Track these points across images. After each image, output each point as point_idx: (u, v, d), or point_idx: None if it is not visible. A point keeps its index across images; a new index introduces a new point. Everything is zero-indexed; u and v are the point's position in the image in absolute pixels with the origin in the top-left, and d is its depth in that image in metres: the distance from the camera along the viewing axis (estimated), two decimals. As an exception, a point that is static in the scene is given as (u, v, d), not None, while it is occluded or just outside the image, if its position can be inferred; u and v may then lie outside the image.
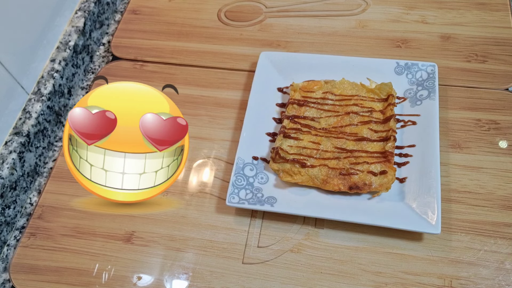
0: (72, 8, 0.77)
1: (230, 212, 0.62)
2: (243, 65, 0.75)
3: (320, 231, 0.59)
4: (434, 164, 0.58)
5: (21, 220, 0.64)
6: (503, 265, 0.55)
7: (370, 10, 0.80)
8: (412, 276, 0.55)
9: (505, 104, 0.67)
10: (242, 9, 0.83)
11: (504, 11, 0.77)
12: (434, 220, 0.55)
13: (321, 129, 0.64)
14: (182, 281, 0.57)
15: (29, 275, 0.59)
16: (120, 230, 0.61)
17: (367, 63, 0.69)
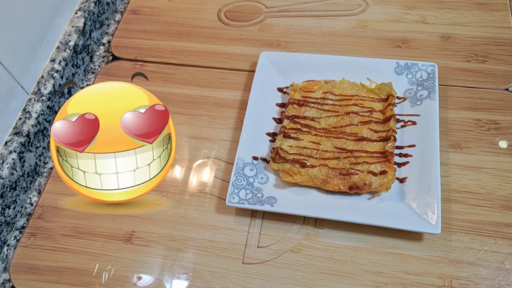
0: (72, 8, 0.77)
1: (230, 212, 0.62)
2: (243, 65, 0.75)
3: (320, 231, 0.59)
4: (434, 164, 0.58)
5: (21, 220, 0.64)
6: (503, 265, 0.55)
7: (370, 10, 0.80)
8: (412, 276, 0.55)
9: (505, 104, 0.67)
10: (242, 9, 0.83)
11: (504, 11, 0.77)
12: (434, 220, 0.55)
13: (321, 129, 0.64)
14: (182, 281, 0.57)
15: (29, 275, 0.59)
16: (120, 230, 0.61)
17: (367, 63, 0.69)
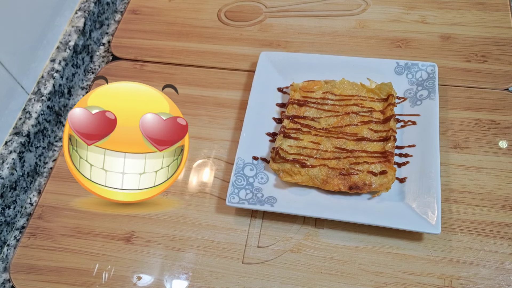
0: (72, 8, 0.77)
1: (230, 212, 0.62)
2: (243, 65, 0.75)
3: (320, 231, 0.59)
4: (434, 164, 0.58)
5: (21, 220, 0.64)
6: (503, 265, 0.55)
7: (370, 10, 0.80)
8: (412, 276, 0.55)
9: (505, 104, 0.67)
10: (242, 9, 0.83)
11: (504, 11, 0.77)
12: (434, 220, 0.55)
13: (321, 129, 0.64)
14: (182, 281, 0.57)
15: (29, 275, 0.59)
16: (120, 230, 0.61)
17: (367, 63, 0.69)
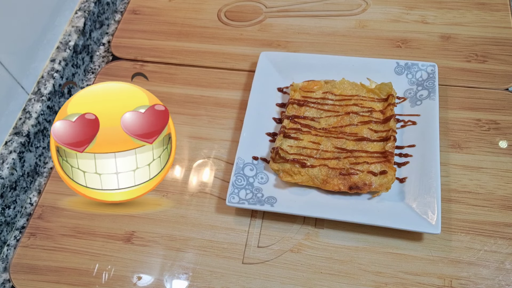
0: (72, 8, 0.77)
1: (230, 212, 0.62)
2: (243, 65, 0.75)
3: (320, 231, 0.59)
4: (434, 164, 0.58)
5: (21, 220, 0.64)
6: (503, 265, 0.55)
7: (370, 10, 0.80)
8: (412, 276, 0.55)
9: (505, 104, 0.67)
10: (242, 9, 0.83)
11: (504, 11, 0.77)
12: (434, 220, 0.55)
13: (321, 129, 0.64)
14: (182, 281, 0.57)
15: (29, 275, 0.59)
16: (120, 230, 0.61)
17: (367, 63, 0.69)
